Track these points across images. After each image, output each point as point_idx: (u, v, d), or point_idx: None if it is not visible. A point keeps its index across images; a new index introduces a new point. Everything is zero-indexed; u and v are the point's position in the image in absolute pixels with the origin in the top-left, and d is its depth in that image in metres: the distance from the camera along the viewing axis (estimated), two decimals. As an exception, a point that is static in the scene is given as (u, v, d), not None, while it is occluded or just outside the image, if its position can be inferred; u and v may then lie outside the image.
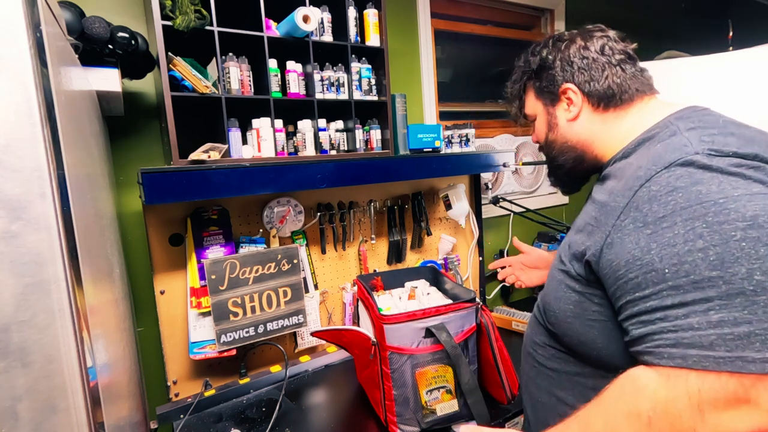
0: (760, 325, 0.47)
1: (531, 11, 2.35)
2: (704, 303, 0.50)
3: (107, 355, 0.62)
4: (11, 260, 0.43)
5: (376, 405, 1.14)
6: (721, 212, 0.51)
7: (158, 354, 1.32)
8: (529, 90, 0.88)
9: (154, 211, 1.27)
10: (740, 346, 0.48)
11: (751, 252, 0.49)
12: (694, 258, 0.51)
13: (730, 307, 0.49)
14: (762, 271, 0.48)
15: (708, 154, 0.55)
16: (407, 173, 1.45)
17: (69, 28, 0.97)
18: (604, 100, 0.77)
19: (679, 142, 0.60)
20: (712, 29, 2.82)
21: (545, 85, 0.83)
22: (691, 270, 0.51)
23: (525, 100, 0.90)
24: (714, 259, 0.50)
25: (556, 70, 0.80)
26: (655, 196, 0.56)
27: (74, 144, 0.58)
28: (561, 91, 0.80)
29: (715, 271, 0.50)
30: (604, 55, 0.77)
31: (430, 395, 1.04)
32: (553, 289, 0.76)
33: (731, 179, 0.53)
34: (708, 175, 0.54)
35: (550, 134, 0.86)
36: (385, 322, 1.01)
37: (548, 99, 0.84)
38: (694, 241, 0.51)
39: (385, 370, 1.04)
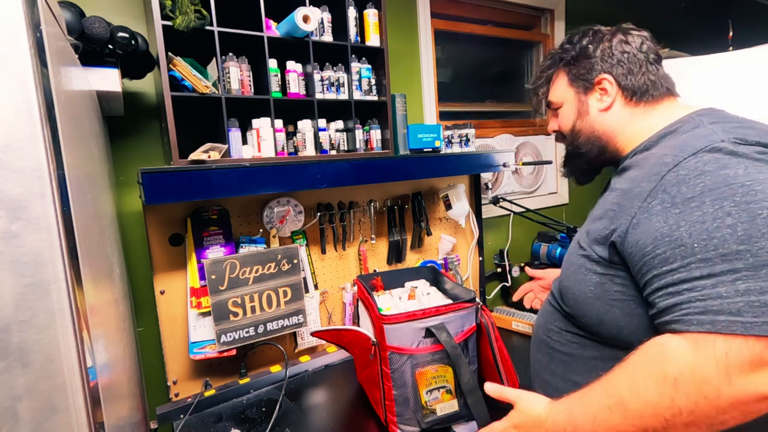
0: None
1: (531, 11, 2.35)
2: (732, 274, 0.53)
3: (107, 355, 0.62)
4: (11, 260, 0.43)
5: (376, 405, 1.14)
6: (748, 193, 0.54)
7: (158, 354, 1.32)
8: (560, 76, 0.89)
9: (154, 211, 1.27)
10: (767, 312, 0.51)
11: None
12: (723, 233, 0.54)
13: (757, 278, 0.52)
14: None
15: (734, 142, 0.59)
16: (407, 173, 1.45)
17: (69, 28, 0.97)
18: (638, 94, 0.79)
19: (705, 132, 0.64)
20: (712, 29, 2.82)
21: (582, 72, 0.83)
22: (720, 244, 0.54)
23: (552, 87, 0.91)
24: (742, 234, 0.53)
25: (596, 59, 0.81)
26: (683, 179, 0.59)
27: (74, 144, 0.58)
28: (597, 80, 0.82)
29: (743, 245, 0.53)
30: (641, 52, 0.80)
31: (430, 395, 1.04)
32: (571, 273, 0.78)
33: (757, 164, 0.56)
34: (735, 160, 0.57)
35: (578, 122, 0.86)
36: (385, 322, 1.01)
37: (582, 87, 0.84)
38: (722, 219, 0.54)
39: (385, 370, 1.04)
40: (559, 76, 0.89)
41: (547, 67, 0.92)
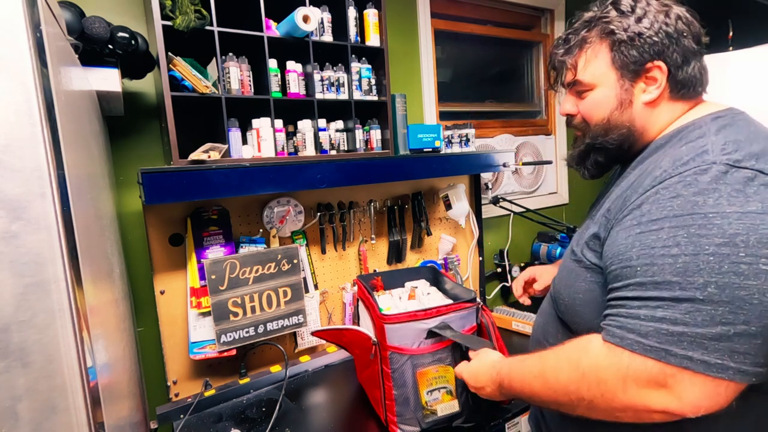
0: (693, 329, 0.54)
1: (531, 11, 2.35)
2: (656, 301, 0.56)
3: (107, 355, 0.62)
4: (11, 260, 0.43)
5: (376, 404, 1.14)
6: (705, 226, 0.55)
7: (158, 354, 1.32)
8: (600, 51, 0.72)
9: (154, 211, 1.27)
10: (670, 341, 0.55)
11: (714, 266, 0.53)
12: (664, 262, 0.56)
13: (675, 309, 0.55)
14: (717, 286, 0.53)
15: (725, 164, 0.57)
16: (407, 173, 1.45)
17: (69, 28, 0.97)
18: (684, 89, 0.70)
19: (702, 147, 0.61)
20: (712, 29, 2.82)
21: (633, 54, 0.68)
22: (658, 272, 0.57)
23: (587, 61, 0.73)
24: (680, 267, 0.55)
25: (651, 39, 0.67)
26: (658, 199, 0.60)
27: (74, 144, 0.58)
28: (649, 66, 0.69)
29: (677, 277, 0.55)
30: (693, 33, 0.69)
31: (431, 395, 1.04)
32: (563, 278, 0.78)
33: (732, 195, 0.55)
34: (713, 186, 0.56)
35: (616, 114, 0.73)
36: (386, 322, 1.01)
37: (628, 72, 0.70)
38: (670, 248, 0.56)
39: (385, 369, 1.04)
40: (597, 50, 0.72)
41: (581, 32, 0.73)
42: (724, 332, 0.53)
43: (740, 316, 0.52)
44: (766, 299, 0.52)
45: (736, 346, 0.53)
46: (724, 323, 0.53)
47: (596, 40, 0.72)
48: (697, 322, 0.54)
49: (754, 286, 0.52)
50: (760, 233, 0.53)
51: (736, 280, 0.53)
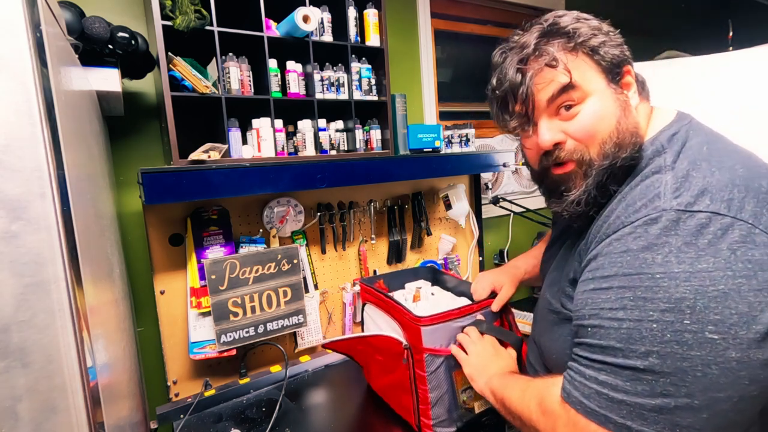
0: (633, 398, 0.52)
1: (531, 11, 2.35)
2: (600, 364, 0.55)
3: (107, 355, 0.62)
4: (11, 260, 0.43)
5: (403, 411, 1.11)
6: (651, 288, 0.51)
7: (158, 354, 1.32)
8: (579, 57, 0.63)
9: (154, 211, 1.27)
10: (610, 407, 0.53)
11: (657, 335, 0.50)
12: (610, 325, 0.54)
13: (617, 375, 0.53)
14: (659, 355, 0.50)
15: (677, 211, 0.53)
16: (407, 173, 1.45)
17: (69, 28, 0.97)
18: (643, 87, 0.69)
19: (654, 191, 0.57)
20: (712, 29, 2.82)
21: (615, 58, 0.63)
22: (604, 335, 0.55)
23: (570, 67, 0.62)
24: (624, 333, 0.53)
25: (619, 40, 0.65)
26: (611, 252, 0.57)
27: (74, 144, 0.58)
28: (625, 69, 0.65)
29: (620, 344, 0.53)
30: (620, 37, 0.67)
31: (465, 393, 1.04)
32: (545, 331, 0.76)
33: (682, 250, 0.51)
34: (662, 240, 0.52)
35: (623, 119, 0.63)
36: (423, 324, 0.98)
37: (613, 74, 0.64)
38: (616, 311, 0.54)
39: (419, 373, 1.01)
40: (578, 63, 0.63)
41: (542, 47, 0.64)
42: (665, 404, 0.50)
43: (682, 388, 0.49)
44: (711, 371, 0.48)
45: (678, 420, 0.49)
46: (665, 395, 0.50)
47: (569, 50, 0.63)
48: (638, 391, 0.51)
49: (698, 357, 0.48)
50: (708, 297, 0.48)
51: (678, 350, 0.49)
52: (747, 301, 0.48)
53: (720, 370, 0.48)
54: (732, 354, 0.48)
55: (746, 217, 0.51)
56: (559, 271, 0.74)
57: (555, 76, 0.62)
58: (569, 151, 0.65)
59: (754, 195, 0.52)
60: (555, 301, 0.72)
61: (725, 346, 0.48)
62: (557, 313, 0.71)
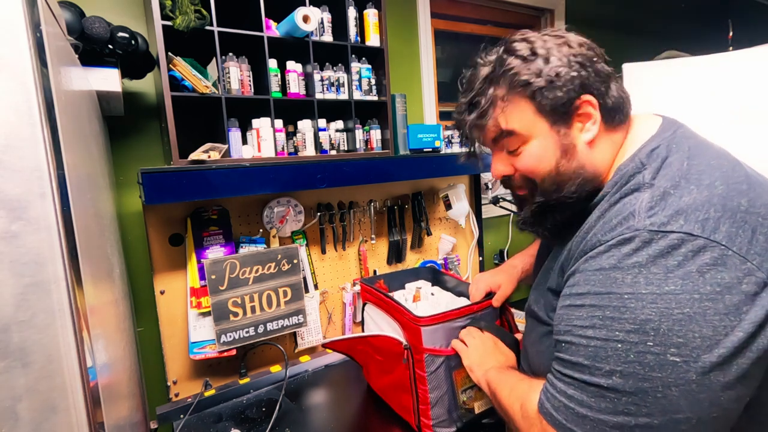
0: (596, 414, 0.53)
1: (531, 11, 2.35)
2: (570, 379, 0.57)
3: (107, 355, 0.62)
4: (11, 260, 0.43)
5: (403, 411, 1.11)
6: (619, 308, 0.53)
7: (158, 354, 1.32)
8: (518, 104, 0.64)
9: (154, 211, 1.27)
10: (575, 421, 0.55)
11: (621, 355, 0.52)
12: (579, 342, 0.56)
13: (583, 391, 0.55)
14: (622, 375, 0.51)
15: (648, 231, 0.53)
16: (407, 173, 1.45)
17: (69, 28, 0.97)
18: (616, 115, 0.65)
19: (629, 208, 0.57)
20: (712, 29, 2.82)
21: (557, 96, 0.61)
22: (574, 352, 0.57)
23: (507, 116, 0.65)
24: (591, 351, 0.54)
25: (570, 76, 0.61)
26: (585, 269, 0.58)
27: (74, 144, 0.58)
28: (578, 104, 0.62)
29: (587, 361, 0.55)
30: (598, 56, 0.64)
31: (465, 394, 1.04)
32: (534, 343, 0.77)
33: (651, 272, 0.51)
34: (632, 261, 0.53)
35: (563, 162, 0.64)
36: (423, 324, 0.99)
37: (559, 116, 0.63)
38: (586, 329, 0.56)
39: (419, 373, 1.01)
40: (516, 104, 0.64)
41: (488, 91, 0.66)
42: (626, 422, 0.51)
43: (642, 408, 0.50)
44: (670, 393, 0.49)
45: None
46: (626, 413, 0.51)
47: (509, 95, 0.64)
48: (601, 408, 0.53)
49: (659, 378, 0.49)
50: (672, 320, 0.49)
51: (640, 370, 0.50)
52: (712, 324, 0.48)
53: (680, 392, 0.49)
54: (692, 377, 0.48)
55: (720, 238, 0.50)
56: (543, 283, 0.74)
57: (495, 122, 0.66)
58: (517, 180, 0.71)
59: (731, 215, 0.52)
60: (542, 312, 0.73)
61: (686, 369, 0.48)
62: (545, 324, 0.72)
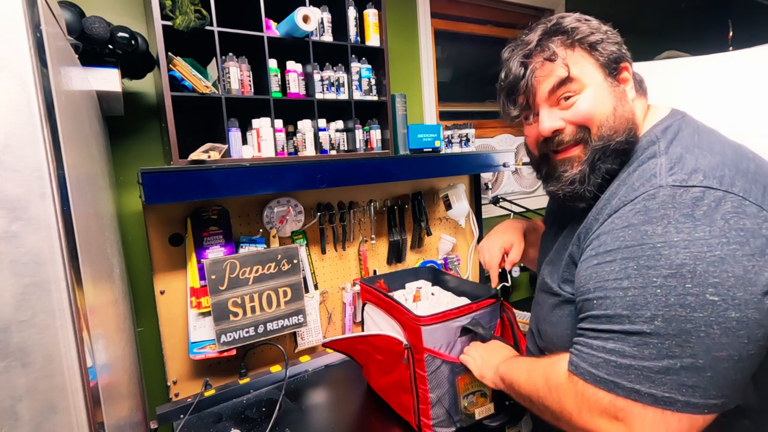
0: (640, 362, 0.54)
1: (531, 11, 2.35)
2: (608, 333, 0.57)
3: (107, 355, 0.62)
4: (11, 260, 0.43)
5: (403, 411, 1.11)
6: (653, 257, 0.54)
7: (158, 354, 1.32)
8: (580, 58, 0.68)
9: (154, 211, 1.27)
10: (618, 373, 0.55)
11: (661, 299, 0.53)
12: (615, 295, 0.57)
13: (624, 342, 0.55)
14: (664, 318, 0.53)
15: (672, 186, 0.57)
16: (407, 173, 1.45)
17: (69, 28, 0.97)
18: (641, 84, 0.73)
19: (651, 171, 0.61)
20: (712, 29, 2.82)
21: (608, 50, 0.68)
22: (610, 305, 0.57)
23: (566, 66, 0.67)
24: (629, 300, 0.55)
25: (617, 39, 0.69)
26: (613, 229, 0.60)
27: (74, 144, 0.58)
28: (623, 65, 0.69)
29: (626, 311, 0.55)
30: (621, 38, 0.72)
31: (467, 399, 1.04)
32: (546, 315, 0.77)
33: (680, 221, 0.54)
34: (660, 213, 0.56)
35: (619, 106, 0.67)
36: (423, 324, 0.99)
37: (610, 69, 0.69)
38: (621, 280, 0.56)
39: (419, 373, 1.02)
40: (575, 56, 0.68)
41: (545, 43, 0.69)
42: (671, 365, 0.52)
43: (686, 349, 0.52)
44: (713, 331, 0.51)
45: (683, 380, 0.52)
46: (671, 356, 0.52)
47: (569, 47, 0.68)
48: (644, 355, 0.54)
49: (701, 318, 0.51)
50: (707, 262, 0.51)
51: (682, 312, 0.52)
52: (742, 265, 0.51)
53: (721, 330, 0.51)
54: (732, 314, 0.50)
55: (737, 190, 0.54)
56: (558, 256, 0.76)
57: (554, 69, 0.68)
58: (568, 135, 0.69)
59: (743, 174, 0.57)
60: (554, 284, 0.74)
61: (725, 306, 0.51)
62: (557, 295, 0.73)
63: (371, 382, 1.29)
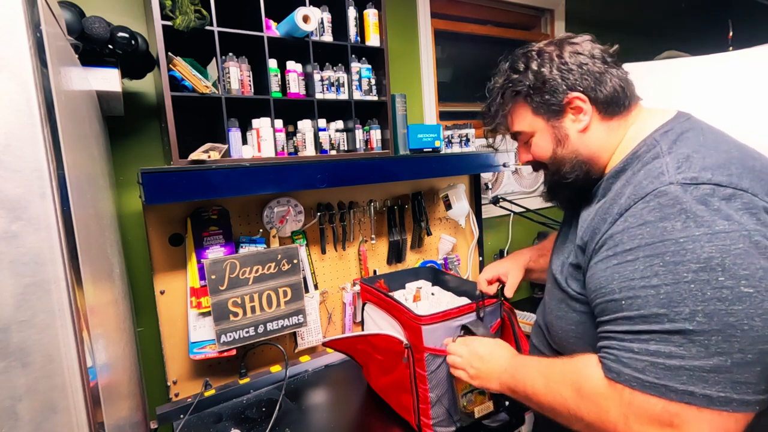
0: (690, 362, 0.52)
1: (531, 11, 2.35)
2: (647, 334, 0.55)
3: (107, 355, 0.62)
4: (11, 260, 0.43)
5: (403, 410, 1.12)
6: (678, 252, 0.54)
7: (158, 354, 1.32)
8: (520, 109, 0.79)
9: (154, 211, 1.27)
10: (668, 376, 0.53)
11: (697, 294, 0.52)
12: (646, 294, 0.55)
13: (668, 342, 0.53)
14: (704, 314, 0.52)
15: (682, 184, 0.57)
16: (407, 173, 1.45)
17: (69, 28, 0.97)
18: (611, 107, 0.73)
19: (658, 169, 0.61)
20: (712, 29, 2.82)
21: (546, 98, 0.74)
22: (643, 304, 0.55)
23: (514, 120, 0.81)
24: (663, 298, 0.54)
25: (556, 81, 0.73)
26: (627, 228, 0.59)
27: (74, 144, 0.58)
28: (567, 101, 0.73)
29: (663, 309, 0.54)
30: (596, 57, 0.72)
31: (465, 398, 1.04)
32: (554, 309, 0.77)
33: (697, 216, 0.54)
34: (676, 209, 0.55)
35: (559, 149, 0.76)
36: (423, 323, 0.99)
37: (551, 113, 0.75)
38: (649, 278, 0.55)
39: (420, 372, 1.02)
40: (518, 110, 0.79)
41: (499, 105, 0.81)
42: (722, 363, 0.51)
43: (734, 344, 0.50)
44: (756, 323, 0.50)
45: (736, 377, 0.51)
46: (720, 353, 0.51)
47: (512, 102, 0.79)
48: (693, 354, 0.52)
49: (741, 311, 0.50)
50: (733, 254, 0.51)
51: (721, 306, 0.51)
52: (765, 256, 0.51)
53: (763, 321, 0.50)
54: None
55: (745, 187, 0.55)
56: (565, 251, 0.77)
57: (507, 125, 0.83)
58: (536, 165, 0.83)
59: (749, 172, 0.57)
60: (561, 279, 0.74)
61: (761, 298, 0.50)
62: (564, 291, 0.73)
63: (371, 382, 1.29)
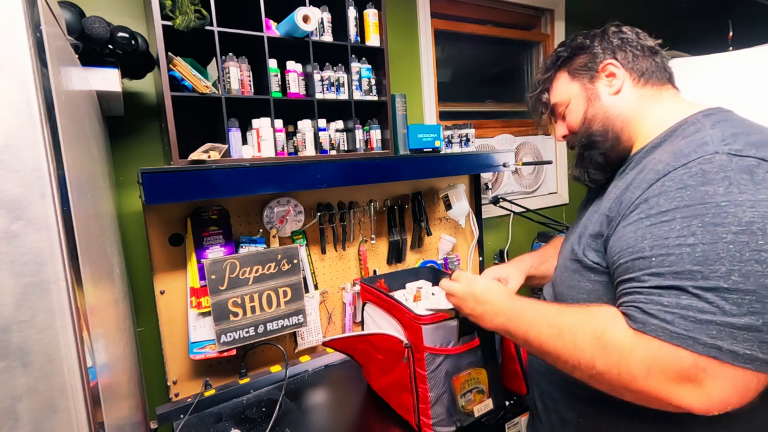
0: (721, 317, 0.52)
1: (531, 11, 2.35)
2: (678, 290, 0.55)
3: (107, 355, 0.62)
4: (11, 260, 0.43)
5: (403, 410, 1.12)
6: (719, 214, 0.54)
7: (158, 354, 1.32)
8: (560, 77, 0.84)
9: (154, 211, 1.27)
10: (697, 329, 0.53)
11: (735, 254, 0.52)
12: (681, 251, 0.55)
13: (701, 299, 0.53)
14: (741, 273, 0.52)
15: (728, 154, 0.57)
16: (407, 173, 1.45)
17: (69, 28, 0.97)
18: (645, 75, 0.76)
19: (701, 140, 0.62)
20: (712, 29, 2.82)
21: (583, 63, 0.80)
22: (676, 261, 0.55)
23: (553, 89, 0.86)
24: (699, 256, 0.54)
25: (596, 49, 0.78)
26: (665, 191, 0.59)
27: (74, 144, 0.58)
28: (602, 67, 0.78)
29: (697, 266, 0.54)
30: (639, 40, 0.78)
31: (464, 398, 1.04)
32: (565, 279, 0.78)
33: (741, 183, 0.54)
34: (720, 176, 0.56)
35: (589, 109, 0.79)
36: (424, 323, 0.99)
37: (587, 76, 0.80)
38: (686, 237, 0.55)
39: (420, 372, 1.02)
40: (559, 78, 0.85)
41: (543, 73, 0.87)
42: (753, 322, 0.51)
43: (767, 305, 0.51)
44: None
45: (765, 337, 0.51)
46: (752, 313, 0.51)
47: (555, 72, 0.85)
48: (726, 310, 0.52)
49: None
50: None
51: (759, 268, 0.51)
52: None
53: None
54: None
55: None
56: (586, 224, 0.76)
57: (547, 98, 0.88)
58: (571, 139, 0.85)
59: None
60: (579, 250, 0.74)
61: None
62: (579, 261, 0.73)
63: (371, 382, 1.29)
